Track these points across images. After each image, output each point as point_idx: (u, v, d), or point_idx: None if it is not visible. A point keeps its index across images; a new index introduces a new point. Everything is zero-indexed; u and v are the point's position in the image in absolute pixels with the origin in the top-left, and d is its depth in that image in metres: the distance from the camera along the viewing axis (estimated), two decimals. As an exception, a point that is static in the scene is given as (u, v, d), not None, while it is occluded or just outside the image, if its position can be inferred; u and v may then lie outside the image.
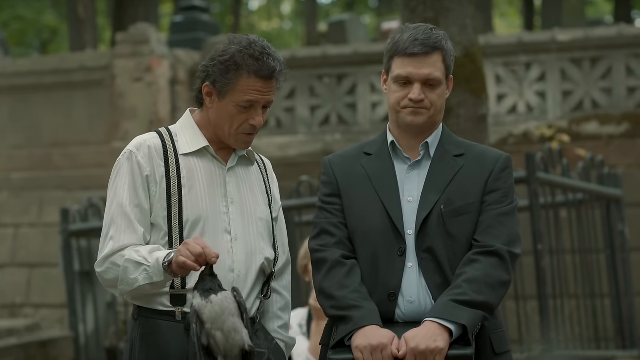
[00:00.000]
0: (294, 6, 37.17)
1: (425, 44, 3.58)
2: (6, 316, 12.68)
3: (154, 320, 3.56)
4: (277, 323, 3.79)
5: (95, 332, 9.84)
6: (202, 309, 3.32)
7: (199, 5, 15.13)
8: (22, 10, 25.18)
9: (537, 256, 7.39)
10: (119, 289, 3.53)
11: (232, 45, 3.58)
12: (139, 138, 3.65)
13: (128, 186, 3.56)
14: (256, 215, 3.67)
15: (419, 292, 3.52)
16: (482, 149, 3.70)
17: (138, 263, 3.46)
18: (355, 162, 3.68)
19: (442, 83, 3.61)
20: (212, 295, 3.34)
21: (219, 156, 3.66)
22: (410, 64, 3.58)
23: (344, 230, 3.61)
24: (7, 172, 13.32)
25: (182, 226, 3.54)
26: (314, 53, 13.05)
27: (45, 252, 12.61)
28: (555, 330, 7.61)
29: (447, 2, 6.63)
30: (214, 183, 3.62)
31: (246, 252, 3.61)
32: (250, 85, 3.54)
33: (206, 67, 3.61)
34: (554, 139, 11.12)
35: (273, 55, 3.56)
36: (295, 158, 12.27)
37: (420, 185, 3.60)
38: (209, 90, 3.60)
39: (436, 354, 3.36)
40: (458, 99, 6.52)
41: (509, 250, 3.52)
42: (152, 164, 3.58)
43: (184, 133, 3.66)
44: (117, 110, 12.88)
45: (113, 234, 3.53)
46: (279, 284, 3.79)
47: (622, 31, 12.11)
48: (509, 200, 3.59)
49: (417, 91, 3.58)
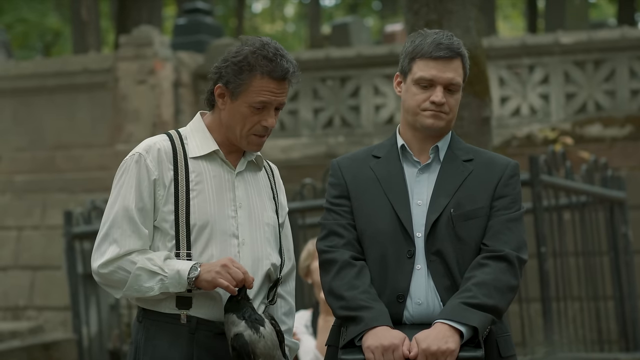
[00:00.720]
0: (298, 9, 37.19)
1: (449, 48, 3.62)
2: (9, 319, 12.69)
3: (158, 323, 3.56)
4: (282, 328, 3.77)
5: (99, 335, 9.84)
6: (256, 344, 3.42)
7: (202, 7, 15.14)
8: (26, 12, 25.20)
9: (540, 259, 7.38)
10: (124, 293, 3.53)
11: (245, 47, 3.57)
12: (149, 140, 3.64)
13: (134, 189, 3.55)
14: (263, 221, 3.67)
15: (427, 294, 3.54)
16: (490, 155, 3.73)
17: (153, 272, 3.47)
18: (364, 165, 3.69)
19: (460, 88, 3.67)
20: (261, 328, 3.45)
21: (228, 160, 3.65)
22: (434, 67, 3.61)
23: (353, 232, 3.62)
24: (10, 174, 13.33)
25: (190, 230, 3.54)
26: (317, 56, 13.06)
27: (48, 255, 12.61)
28: (558, 333, 7.60)
29: (451, 4, 6.63)
30: (223, 187, 3.62)
31: (253, 257, 3.62)
32: (264, 86, 3.54)
33: (219, 68, 3.60)
34: (557, 141, 11.11)
35: (286, 57, 3.58)
36: (299, 161, 12.28)
37: (429, 189, 3.62)
38: (222, 92, 3.59)
39: (447, 355, 3.38)
40: (461, 101, 6.49)
41: (517, 255, 3.55)
42: (160, 167, 3.57)
43: (194, 136, 3.65)
44: (120, 113, 12.89)
45: (117, 238, 3.52)
46: (283, 289, 3.79)
47: (625, 34, 12.10)
48: (517, 206, 3.63)
49: (440, 94, 3.61)
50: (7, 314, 12.76)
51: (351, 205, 3.64)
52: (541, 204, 7.47)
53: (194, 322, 3.53)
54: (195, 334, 3.52)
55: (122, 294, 3.55)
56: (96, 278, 3.58)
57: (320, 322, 5.61)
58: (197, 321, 3.53)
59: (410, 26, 6.64)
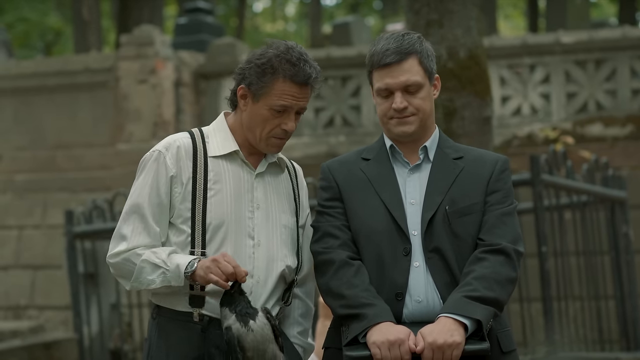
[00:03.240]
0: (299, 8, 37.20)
1: (396, 52, 3.61)
2: (10, 318, 12.69)
3: (172, 320, 3.60)
4: (297, 329, 3.81)
5: (100, 334, 9.84)
6: (244, 337, 3.42)
7: (203, 7, 15.14)
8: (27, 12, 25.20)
9: (541, 258, 7.38)
10: (131, 285, 3.58)
11: (269, 50, 3.60)
12: (170, 138, 3.67)
13: (150, 186, 3.59)
14: (281, 223, 3.69)
15: (427, 291, 3.55)
16: (480, 152, 3.75)
17: (156, 265, 3.51)
18: (354, 167, 3.71)
19: (423, 86, 3.64)
20: (251, 321, 3.44)
21: (249, 161, 3.67)
22: (387, 75, 3.62)
23: (348, 233, 3.63)
24: (11, 173, 13.33)
25: (205, 228, 3.56)
26: (318, 55, 13.05)
27: (49, 254, 12.62)
28: (559, 332, 7.60)
29: (451, 4, 6.63)
30: (241, 188, 3.63)
31: (267, 259, 3.63)
32: (286, 89, 3.57)
33: (242, 69, 3.62)
34: (558, 141, 11.12)
35: (309, 62, 3.61)
36: (300, 160, 12.19)
37: (422, 188, 3.63)
38: (244, 93, 3.62)
39: (454, 347, 3.38)
40: (462, 101, 6.52)
41: (514, 248, 3.56)
42: (179, 164, 3.60)
43: (216, 136, 3.68)
44: (122, 112, 12.89)
45: (127, 234, 3.57)
46: (300, 290, 3.80)
47: (626, 33, 12.10)
48: (509, 200, 3.64)
49: (399, 99, 3.62)
50: (8, 314, 12.76)
51: (344, 207, 3.65)
52: (542, 203, 7.47)
53: (206, 320, 3.56)
54: (206, 332, 3.55)
55: (130, 286, 3.59)
56: (110, 268, 3.64)
57: (319, 326, 5.60)
58: (209, 319, 3.55)
59: (411, 26, 6.64)
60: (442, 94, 6.48)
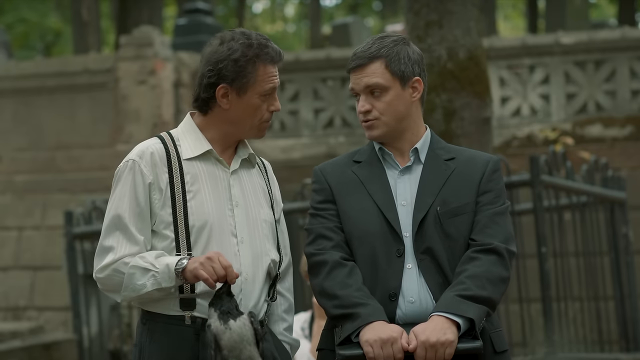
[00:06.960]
0: (298, 9, 37.21)
1: (360, 57, 3.65)
2: (10, 319, 12.69)
3: (162, 324, 3.57)
4: (282, 325, 3.80)
5: (99, 335, 9.84)
6: (221, 335, 3.40)
7: (202, 8, 15.14)
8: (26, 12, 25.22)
9: (540, 259, 7.37)
10: (122, 295, 3.54)
11: (232, 43, 3.59)
12: (141, 145, 3.64)
13: (128, 196, 3.56)
14: (260, 217, 3.68)
15: (420, 292, 3.55)
16: (471, 153, 3.76)
17: (145, 269, 3.48)
18: (346, 169, 3.72)
19: (387, 88, 3.64)
20: (231, 320, 3.41)
21: (222, 158, 3.66)
22: (352, 78, 3.68)
23: (341, 234, 3.64)
24: (10, 174, 13.33)
25: (189, 231, 3.55)
26: (318, 56, 13.06)
27: (48, 255, 12.62)
28: (559, 333, 7.60)
29: (451, 4, 6.63)
30: (219, 187, 3.62)
31: (253, 255, 3.62)
32: (268, 72, 3.60)
33: (216, 70, 3.59)
34: (558, 141, 11.12)
35: (268, 40, 3.65)
36: (299, 161, 12.27)
37: (413, 189, 3.64)
38: (225, 92, 3.60)
39: (447, 346, 3.39)
40: (462, 101, 6.52)
41: (506, 247, 3.57)
42: (155, 171, 3.58)
43: (186, 137, 3.66)
44: (121, 113, 12.89)
45: (113, 245, 3.54)
46: (282, 286, 3.80)
47: (626, 34, 12.11)
48: (501, 200, 3.66)
49: (361, 102, 3.66)
50: (7, 314, 12.76)
51: (337, 209, 3.66)
52: (542, 204, 7.46)
53: (198, 323, 3.53)
54: (200, 335, 3.52)
55: (121, 297, 3.56)
56: (98, 285, 3.61)
57: (315, 327, 5.60)
58: (202, 322, 3.52)
59: (410, 26, 6.65)
60: (442, 94, 6.50)
